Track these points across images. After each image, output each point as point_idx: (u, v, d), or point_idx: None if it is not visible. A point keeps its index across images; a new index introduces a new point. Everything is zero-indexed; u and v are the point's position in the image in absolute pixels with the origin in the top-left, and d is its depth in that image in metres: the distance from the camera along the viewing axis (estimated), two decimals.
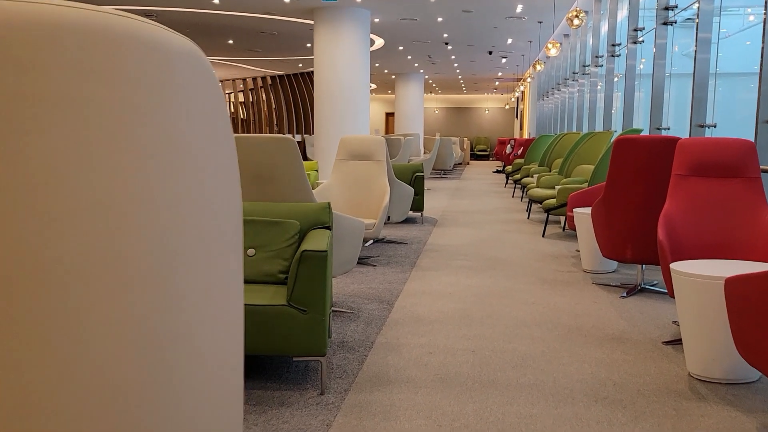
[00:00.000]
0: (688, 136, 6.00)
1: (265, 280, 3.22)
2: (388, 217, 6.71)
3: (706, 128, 5.87)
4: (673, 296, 3.56)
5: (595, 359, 3.33)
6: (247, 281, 3.22)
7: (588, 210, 5.42)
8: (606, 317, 4.12)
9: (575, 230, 5.79)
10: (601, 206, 4.73)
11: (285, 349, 2.81)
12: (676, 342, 3.61)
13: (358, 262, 5.75)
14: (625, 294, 4.69)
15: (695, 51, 5.98)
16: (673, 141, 4.21)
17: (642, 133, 6.68)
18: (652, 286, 4.91)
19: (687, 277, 3.03)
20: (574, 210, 5.57)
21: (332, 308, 4.15)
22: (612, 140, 8.21)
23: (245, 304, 2.79)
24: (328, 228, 3.41)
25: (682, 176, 3.91)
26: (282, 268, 3.22)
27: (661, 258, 3.58)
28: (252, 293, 2.96)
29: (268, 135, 3.72)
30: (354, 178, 6.08)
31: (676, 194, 3.91)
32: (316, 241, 2.98)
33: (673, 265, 3.15)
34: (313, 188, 7.52)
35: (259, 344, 2.79)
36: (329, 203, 3.48)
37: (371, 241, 6.71)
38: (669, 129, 7.26)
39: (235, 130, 14.56)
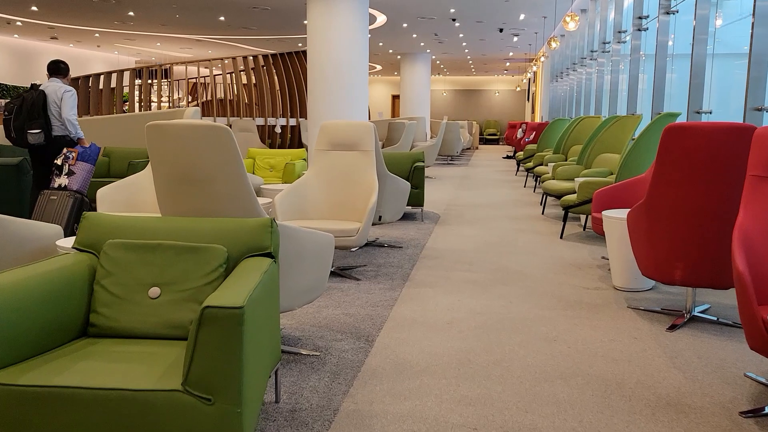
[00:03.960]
0: (742, 122, 4.93)
1: (170, 334, 2.22)
2: (379, 218, 5.70)
3: (765, 112, 4.81)
4: (756, 349, 2.55)
5: None
6: (143, 336, 2.23)
7: (622, 214, 4.38)
8: (654, 365, 3.10)
9: (601, 234, 4.76)
10: (643, 212, 3.70)
11: None
12: (760, 414, 2.59)
13: (338, 275, 4.75)
14: (671, 326, 3.66)
15: (752, 23, 4.91)
16: (747, 130, 3.17)
17: (679, 119, 5.61)
18: (703, 312, 3.89)
19: None
20: (603, 213, 4.53)
21: (285, 352, 3.14)
22: (638, 127, 7.14)
23: (115, 389, 1.79)
24: (270, 255, 2.40)
25: (762, 178, 2.87)
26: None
27: (741, 296, 2.55)
28: (135, 366, 1.96)
29: (195, 122, 2.70)
30: (336, 173, 5.06)
31: (754, 202, 2.87)
32: (234, 286, 1.97)
33: None
34: (296, 179, 6.50)
35: None
36: (272, 219, 2.47)
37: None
38: (711, 113, 6.18)
39: (229, 113, 13.43)
